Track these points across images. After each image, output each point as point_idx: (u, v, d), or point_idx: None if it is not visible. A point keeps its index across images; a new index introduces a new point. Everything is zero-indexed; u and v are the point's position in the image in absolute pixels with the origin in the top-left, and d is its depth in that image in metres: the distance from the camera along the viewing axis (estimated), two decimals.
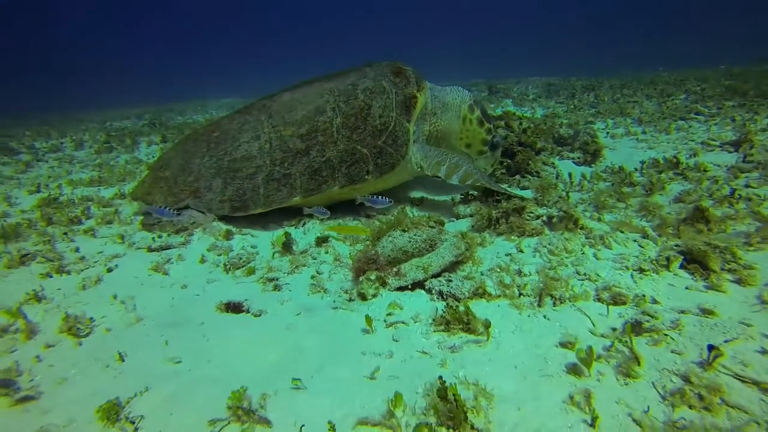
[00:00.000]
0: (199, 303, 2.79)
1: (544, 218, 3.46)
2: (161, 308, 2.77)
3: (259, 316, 2.57)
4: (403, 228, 3.01)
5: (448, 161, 4.05)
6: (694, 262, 2.77)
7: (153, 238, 3.76)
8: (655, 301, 2.45)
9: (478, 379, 1.79)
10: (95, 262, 3.48)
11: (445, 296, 2.56)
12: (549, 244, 3.05)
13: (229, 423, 1.63)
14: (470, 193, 4.18)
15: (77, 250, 3.75)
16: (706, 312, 2.27)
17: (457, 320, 2.18)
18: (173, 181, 4.27)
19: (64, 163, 8.03)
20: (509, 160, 5.44)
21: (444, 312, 2.24)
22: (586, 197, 4.21)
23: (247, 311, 2.60)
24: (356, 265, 2.80)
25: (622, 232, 3.39)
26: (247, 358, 2.15)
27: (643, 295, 2.49)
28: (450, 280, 2.65)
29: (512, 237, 3.29)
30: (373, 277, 2.69)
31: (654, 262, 2.81)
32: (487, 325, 2.09)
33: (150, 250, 3.62)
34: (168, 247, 3.65)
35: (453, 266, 2.92)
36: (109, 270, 3.34)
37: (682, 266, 2.79)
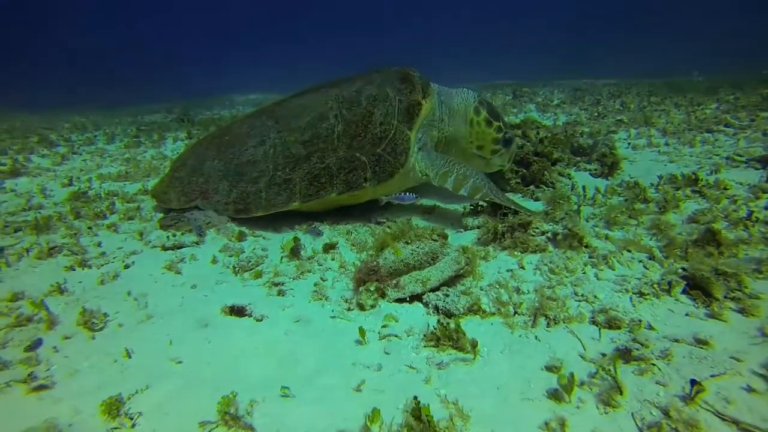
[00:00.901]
0: (206, 304, 2.91)
1: (549, 235, 3.46)
2: (171, 307, 2.91)
3: (261, 320, 2.67)
4: (406, 240, 3.08)
5: (456, 172, 4.06)
6: (697, 288, 2.74)
7: (168, 236, 3.92)
8: (650, 327, 2.44)
9: (458, 399, 1.84)
10: (114, 257, 3.67)
11: (440, 311, 2.61)
12: (550, 262, 3.06)
13: (217, 426, 1.74)
14: (480, 204, 4.20)
15: (99, 244, 3.95)
16: (701, 342, 2.25)
17: (447, 337, 2.24)
18: (186, 182, 4.46)
19: (96, 156, 8.38)
20: (524, 170, 5.43)
21: (434, 328, 2.30)
22: (598, 212, 4.17)
23: (250, 315, 2.71)
24: (357, 276, 2.88)
25: (629, 251, 3.36)
26: (244, 363, 2.26)
27: (639, 321, 2.48)
28: (447, 295, 2.70)
29: (515, 252, 3.31)
30: (372, 288, 2.77)
31: (655, 285, 2.78)
32: (474, 344, 2.14)
33: (164, 248, 3.78)
34: (181, 246, 3.81)
35: (453, 280, 2.97)
36: (126, 266, 3.51)
37: (684, 291, 2.76)
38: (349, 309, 2.75)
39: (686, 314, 2.57)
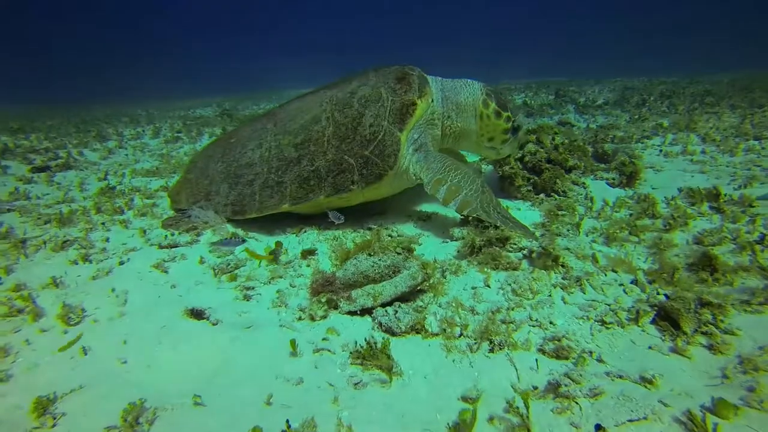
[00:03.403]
0: (176, 304, 3.04)
1: (525, 252, 3.32)
2: (144, 306, 3.08)
3: (216, 325, 2.77)
4: (369, 252, 3.07)
5: (450, 180, 3.93)
6: (667, 319, 2.54)
7: (165, 235, 4.15)
8: (600, 360, 2.30)
9: (352, 424, 1.83)
10: (113, 253, 3.92)
11: (383, 327, 2.59)
12: (514, 282, 2.94)
13: None
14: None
15: (107, 240, 4.24)
16: (646, 381, 2.09)
17: (372, 356, 2.22)
18: (195, 183, 4.68)
19: (138, 151, 8.97)
20: (536, 177, 5.22)
21: (360, 347, 2.29)
22: (599, 226, 3.94)
23: (207, 319, 2.82)
24: (313, 286, 2.92)
25: (615, 272, 3.17)
26: (182, 367, 2.36)
27: (590, 352, 2.34)
28: (396, 311, 2.67)
29: (485, 269, 3.20)
30: (323, 300, 2.80)
31: (620, 313, 2.60)
32: (390, 368, 2.11)
33: (160, 247, 4.00)
34: (175, 246, 4.01)
35: (414, 295, 2.93)
36: (121, 263, 3.74)
37: (653, 322, 2.57)
38: (300, 319, 2.79)
39: (649, 347, 2.40)
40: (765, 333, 2.33)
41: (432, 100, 4.28)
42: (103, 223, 4.62)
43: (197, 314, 2.86)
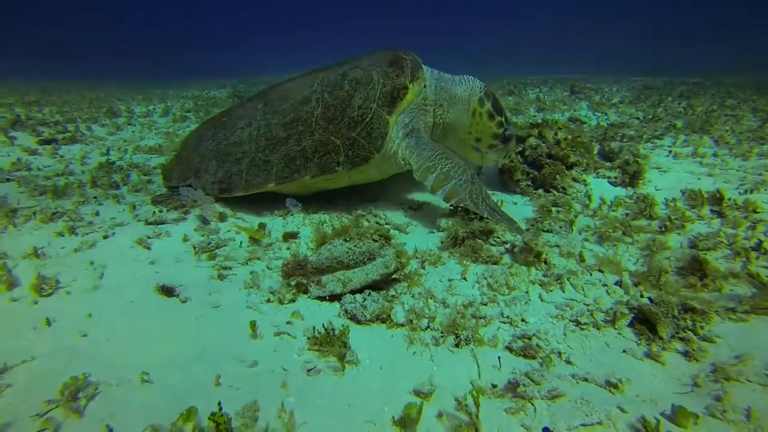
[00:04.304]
0: (151, 280, 3.02)
1: (508, 246, 3.22)
2: (120, 280, 3.06)
3: (185, 302, 2.74)
4: (345, 238, 3.00)
5: (440, 168, 3.84)
6: (645, 322, 2.43)
7: (153, 211, 4.14)
8: (569, 362, 2.21)
9: (295, 410, 1.78)
10: (100, 227, 3.93)
11: (349, 314, 2.53)
12: (490, 277, 2.85)
13: (58, 406, 1.81)
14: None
15: (97, 213, 4.25)
16: (611, 385, 2.00)
17: (328, 343, 2.17)
18: (186, 161, 4.65)
19: (145, 128, 9.01)
20: (536, 172, 5.10)
21: (318, 333, 2.23)
22: (593, 225, 3.81)
23: (177, 296, 2.80)
24: (285, 269, 2.87)
25: (601, 271, 3.06)
26: (141, 344, 2.33)
27: (559, 353, 2.25)
28: (365, 299, 2.61)
29: (464, 261, 3.11)
30: (293, 283, 2.75)
31: (595, 314, 2.50)
32: (343, 356, 2.05)
33: (147, 223, 3.99)
34: (162, 222, 3.99)
35: (390, 284, 2.87)
36: (105, 237, 3.73)
37: (631, 325, 2.46)
38: (268, 301, 2.74)
39: (624, 350, 2.30)
40: (744, 342, 2.22)
41: (425, 86, 4.18)
42: (95, 197, 4.63)
43: (168, 291, 2.83)
